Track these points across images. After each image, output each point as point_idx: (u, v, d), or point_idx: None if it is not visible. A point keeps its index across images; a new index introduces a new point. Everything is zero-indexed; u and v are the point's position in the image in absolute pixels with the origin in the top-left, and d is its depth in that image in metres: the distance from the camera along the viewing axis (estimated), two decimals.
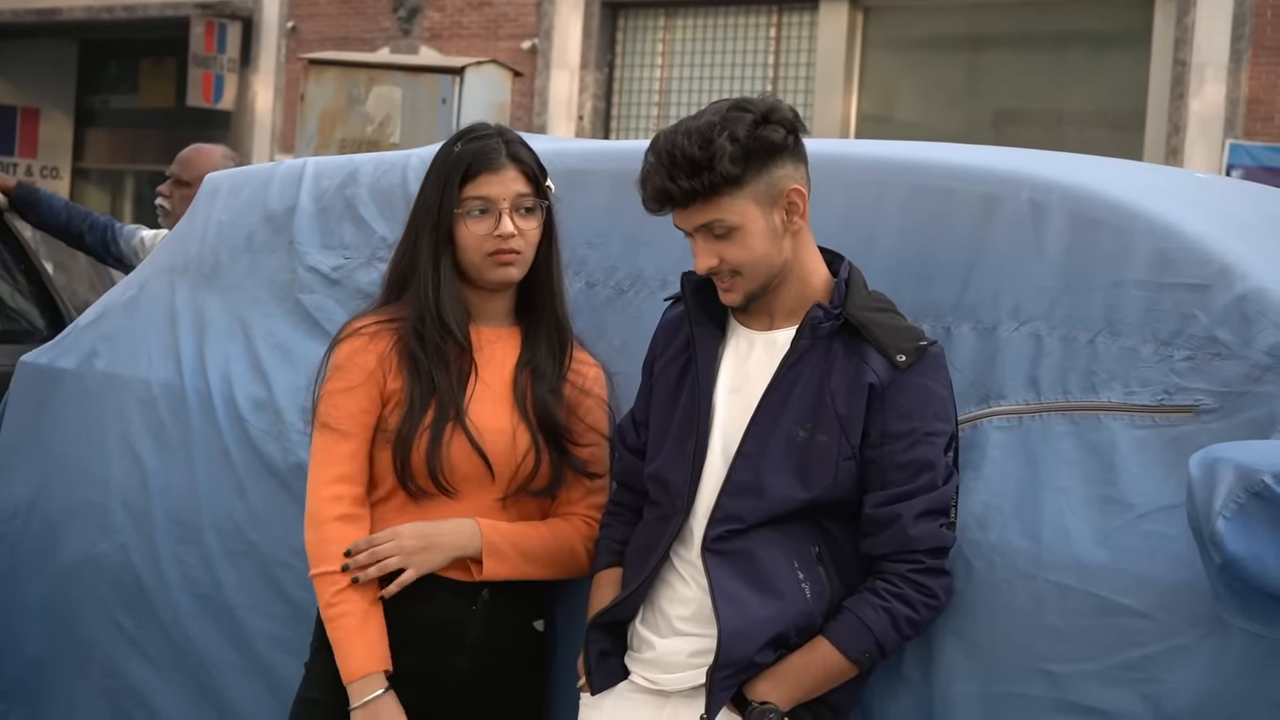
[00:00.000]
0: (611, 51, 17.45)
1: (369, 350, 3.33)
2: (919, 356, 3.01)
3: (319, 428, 3.35)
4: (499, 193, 3.32)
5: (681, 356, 3.18)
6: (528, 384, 3.37)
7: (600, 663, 3.15)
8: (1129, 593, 2.87)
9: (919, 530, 2.96)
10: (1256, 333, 2.93)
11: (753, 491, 3.01)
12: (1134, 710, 2.83)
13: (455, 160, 3.34)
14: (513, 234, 3.31)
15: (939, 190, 3.32)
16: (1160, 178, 3.71)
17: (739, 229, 3.01)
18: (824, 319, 3.02)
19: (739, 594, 2.99)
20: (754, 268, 3.04)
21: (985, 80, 15.68)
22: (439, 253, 3.33)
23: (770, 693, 2.98)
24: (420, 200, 3.40)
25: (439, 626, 3.32)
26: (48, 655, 4.20)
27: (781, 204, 3.02)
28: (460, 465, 3.28)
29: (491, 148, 3.35)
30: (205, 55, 19.85)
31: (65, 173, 23.40)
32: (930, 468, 2.99)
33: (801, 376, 3.02)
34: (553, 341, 3.41)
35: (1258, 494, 2.63)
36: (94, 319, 4.36)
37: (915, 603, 2.97)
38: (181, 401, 4.02)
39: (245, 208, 4.20)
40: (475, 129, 3.43)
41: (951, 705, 2.99)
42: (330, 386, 3.36)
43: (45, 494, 4.24)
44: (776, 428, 3.02)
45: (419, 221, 3.37)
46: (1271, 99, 13.71)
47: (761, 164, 2.99)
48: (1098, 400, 3.02)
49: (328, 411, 3.34)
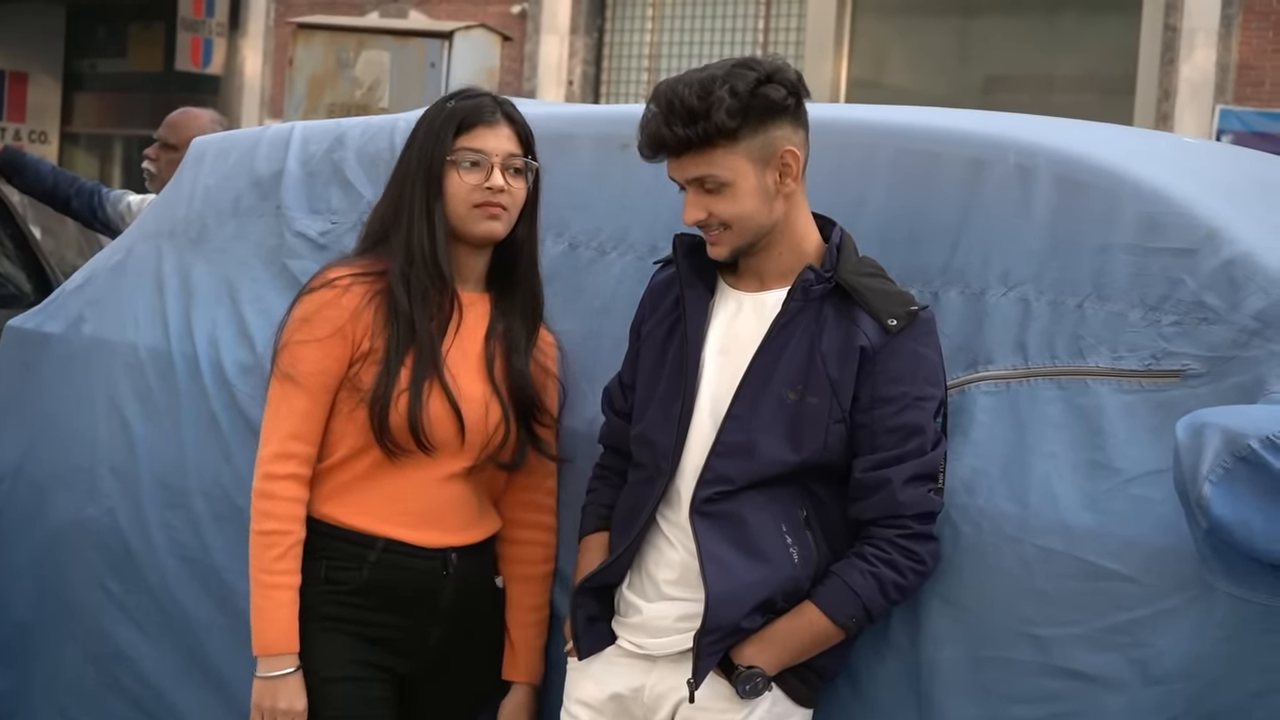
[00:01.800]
0: (601, 16, 17.41)
1: (338, 304, 3.29)
2: (910, 321, 3.01)
3: (279, 377, 3.31)
4: (493, 146, 3.32)
5: (669, 318, 3.17)
6: (497, 353, 3.36)
7: (588, 628, 3.15)
8: (1116, 557, 2.87)
9: (908, 495, 2.97)
10: (1244, 298, 2.93)
11: (742, 453, 3.01)
12: (1120, 674, 2.84)
13: (450, 113, 3.34)
14: (503, 188, 3.30)
15: (926, 154, 3.31)
16: (1148, 142, 3.71)
17: (730, 185, 3.01)
18: (815, 281, 3.02)
19: (727, 558, 2.99)
20: (742, 224, 3.03)
21: (975, 45, 15.66)
22: (430, 200, 3.30)
23: (757, 657, 2.98)
24: (409, 152, 3.37)
25: (415, 594, 3.31)
26: (34, 619, 4.20)
27: (775, 164, 3.02)
28: (438, 424, 3.27)
29: (486, 104, 3.36)
30: (194, 19, 19.80)
31: (53, 137, 23.33)
32: (920, 432, 2.99)
33: (792, 338, 3.02)
34: (526, 311, 3.41)
35: (1244, 459, 2.63)
36: (81, 283, 4.35)
37: (903, 568, 2.97)
38: (169, 366, 4.01)
39: (232, 172, 4.19)
40: (468, 90, 3.44)
41: (938, 669, 2.99)
42: (295, 336, 3.30)
43: (32, 458, 4.24)
44: (767, 389, 3.02)
45: (408, 172, 3.34)
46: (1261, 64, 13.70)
47: (759, 121, 2.99)
48: (1085, 365, 3.02)
49: (291, 362, 3.30)
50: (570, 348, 3.52)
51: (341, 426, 3.30)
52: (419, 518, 3.30)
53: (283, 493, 3.26)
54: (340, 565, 3.29)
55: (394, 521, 3.29)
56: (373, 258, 3.34)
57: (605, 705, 3.13)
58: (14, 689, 4.25)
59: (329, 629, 3.28)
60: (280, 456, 3.28)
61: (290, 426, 3.29)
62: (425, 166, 3.32)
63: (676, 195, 3.25)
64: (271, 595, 3.24)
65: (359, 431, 3.28)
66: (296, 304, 3.35)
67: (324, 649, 3.27)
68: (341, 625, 3.28)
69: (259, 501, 3.28)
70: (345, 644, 3.28)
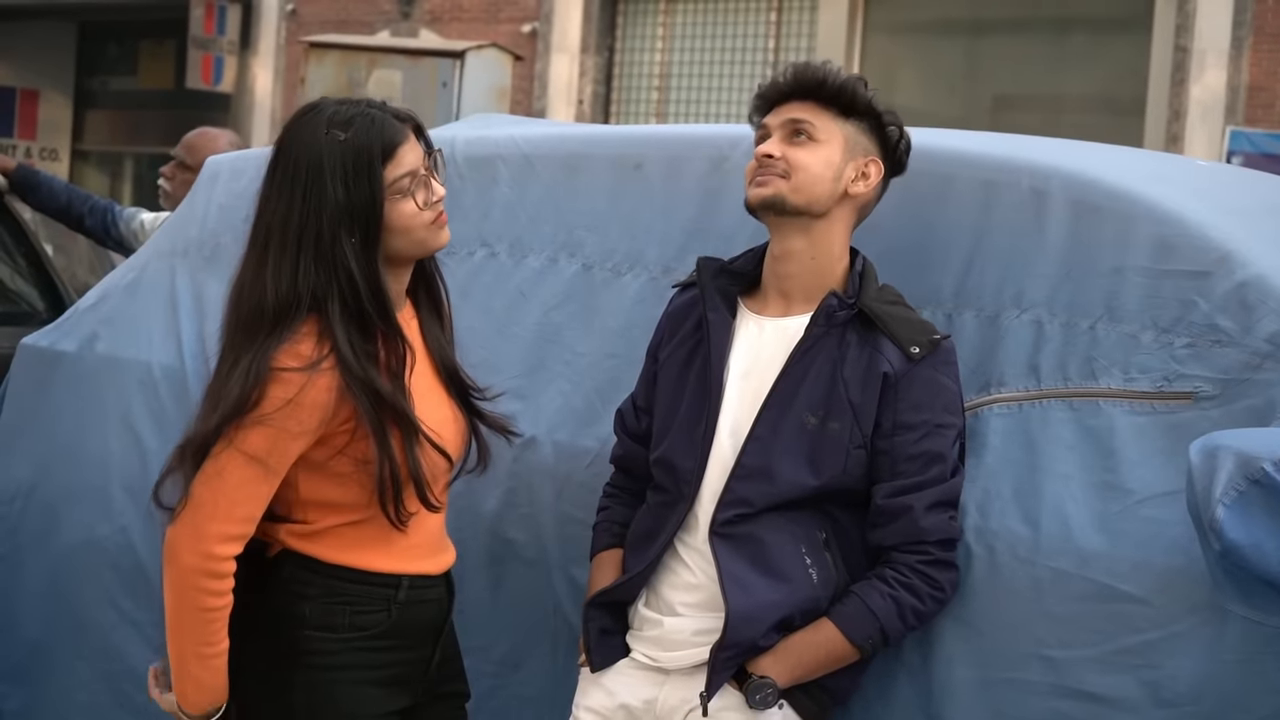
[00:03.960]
0: (611, 36, 17.43)
1: (330, 389, 2.95)
2: (932, 349, 3.03)
3: (248, 459, 2.94)
4: (416, 159, 3.03)
5: (690, 340, 3.18)
6: (439, 359, 3.18)
7: (601, 640, 3.16)
8: (1127, 579, 2.87)
9: (929, 522, 2.98)
10: (1256, 320, 2.93)
11: (762, 476, 3.02)
12: (1132, 696, 2.84)
13: (360, 149, 2.96)
14: (443, 193, 3.08)
15: (940, 176, 3.32)
16: (1161, 164, 3.72)
17: (817, 144, 3.11)
18: (839, 307, 3.04)
19: (746, 577, 3.00)
20: (800, 178, 3.09)
21: (985, 65, 15.66)
22: (370, 248, 2.97)
23: (771, 668, 2.99)
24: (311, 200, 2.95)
25: (429, 624, 3.20)
26: (47, 637, 4.20)
27: (860, 162, 3.12)
28: (438, 476, 3.12)
29: (388, 123, 3.02)
30: (205, 37, 19.82)
31: (64, 154, 23.37)
32: (940, 460, 3.00)
33: (814, 364, 3.04)
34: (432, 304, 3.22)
35: (1257, 481, 2.63)
36: (95, 302, 4.37)
37: (922, 594, 2.98)
38: (182, 384, 4.03)
39: (245, 191, 4.17)
40: (338, 112, 3.02)
41: (950, 690, 2.99)
42: (286, 424, 2.94)
43: (46, 476, 4.25)
44: (788, 413, 3.03)
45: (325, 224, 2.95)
46: (1272, 86, 13.69)
47: (871, 126, 3.14)
48: (1097, 387, 3.03)
49: (266, 449, 2.94)
50: (584, 368, 3.53)
51: (339, 493, 3.06)
52: (428, 548, 3.19)
53: (228, 570, 3.01)
54: (365, 609, 3.09)
55: (413, 557, 3.15)
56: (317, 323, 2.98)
57: (614, 714, 3.14)
58: (26, 707, 4.26)
59: (355, 680, 3.09)
60: (231, 539, 2.98)
61: (247, 511, 2.99)
62: (355, 214, 2.95)
63: (691, 216, 3.28)
64: (212, 664, 3.03)
65: (361, 492, 3.04)
66: (271, 385, 2.93)
67: (354, 704, 3.09)
68: (365, 674, 3.10)
69: (204, 580, 2.97)
70: (372, 696, 3.10)
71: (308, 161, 2.97)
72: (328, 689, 3.06)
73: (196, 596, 2.99)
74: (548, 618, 3.52)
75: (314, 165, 2.96)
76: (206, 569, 2.97)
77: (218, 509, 2.97)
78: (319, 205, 2.95)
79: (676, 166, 3.60)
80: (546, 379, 3.56)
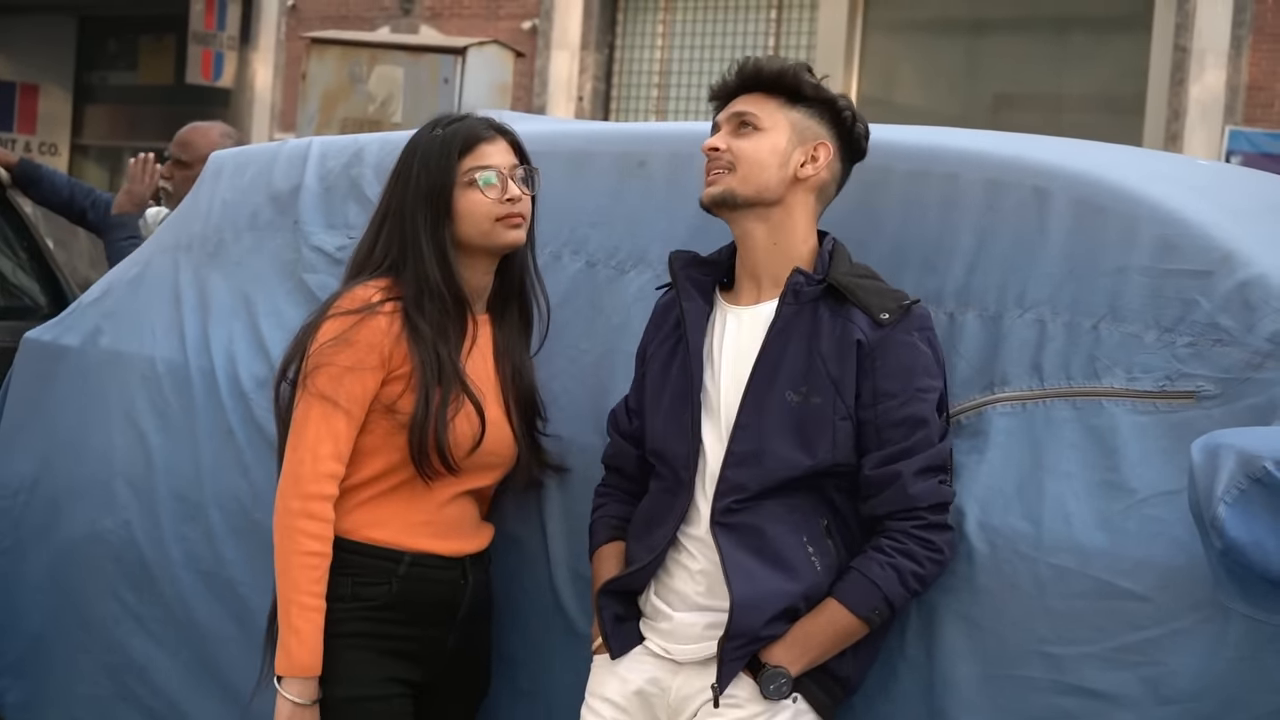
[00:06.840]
0: (612, 32, 17.43)
1: (382, 329, 3.28)
2: (904, 314, 3.05)
3: (318, 398, 3.27)
4: (500, 160, 3.37)
5: (672, 336, 3.22)
6: (506, 374, 3.43)
7: (617, 627, 3.18)
8: (1129, 576, 2.89)
9: (919, 488, 2.99)
10: (1258, 319, 2.94)
11: (754, 460, 3.05)
12: (1133, 693, 2.85)
13: (446, 138, 3.36)
14: (519, 197, 3.35)
15: (943, 176, 3.33)
16: (1163, 164, 3.72)
17: (761, 132, 3.14)
18: (805, 284, 3.07)
19: (750, 566, 3.02)
20: (747, 169, 3.13)
21: (985, 64, 15.66)
22: (438, 228, 3.33)
23: (783, 657, 3.01)
24: (402, 184, 3.38)
25: (438, 604, 3.36)
26: (50, 631, 4.21)
27: (808, 148, 3.14)
28: (471, 446, 3.33)
29: (479, 123, 3.41)
30: (205, 32, 19.80)
31: (64, 149, 23.34)
32: (924, 424, 3.02)
33: (790, 342, 3.06)
34: (524, 325, 3.49)
35: (1259, 480, 2.64)
36: (98, 296, 4.37)
37: (920, 558, 2.99)
38: (185, 379, 4.03)
39: (250, 186, 4.21)
40: (448, 115, 3.47)
41: (953, 686, 3.00)
42: (338, 360, 3.27)
43: (49, 471, 4.26)
44: (770, 395, 3.05)
45: (407, 203, 3.35)
46: (1272, 85, 13.69)
47: (820, 113, 3.17)
48: (1100, 386, 3.04)
49: (332, 386, 3.26)
50: (588, 365, 3.54)
51: (372, 446, 3.31)
52: (439, 529, 3.36)
53: (326, 514, 3.26)
54: (367, 581, 3.30)
55: (418, 534, 3.33)
56: (391, 280, 3.34)
57: (629, 701, 3.16)
58: (29, 700, 4.27)
59: (356, 646, 3.29)
60: (325, 477, 3.26)
61: (332, 448, 3.27)
62: (429, 195, 3.33)
63: (694, 213, 3.28)
64: (312, 619, 3.23)
65: (392, 452, 3.30)
66: (327, 322, 3.31)
67: (352, 667, 3.28)
68: (367, 641, 3.30)
69: (304, 522, 3.25)
70: (372, 660, 3.30)
71: (411, 151, 3.40)
72: (329, 652, 3.25)
73: (298, 539, 3.24)
74: (550, 613, 3.53)
75: (412, 153, 3.40)
76: (307, 509, 3.24)
77: (304, 450, 3.27)
78: (406, 185, 3.37)
79: (680, 164, 3.61)
80: (550, 375, 3.57)
